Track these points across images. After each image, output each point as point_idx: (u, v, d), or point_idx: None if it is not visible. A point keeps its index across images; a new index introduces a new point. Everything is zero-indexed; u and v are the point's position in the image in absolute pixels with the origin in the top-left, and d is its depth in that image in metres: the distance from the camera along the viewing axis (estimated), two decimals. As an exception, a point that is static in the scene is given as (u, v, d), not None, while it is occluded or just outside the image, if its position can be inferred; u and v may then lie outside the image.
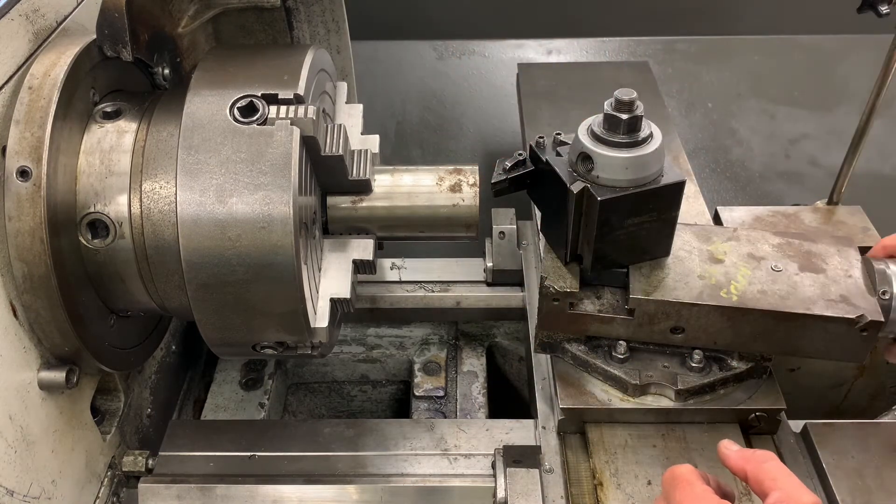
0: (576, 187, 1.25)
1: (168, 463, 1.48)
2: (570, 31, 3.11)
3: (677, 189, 1.28)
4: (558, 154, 1.32)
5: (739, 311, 1.30)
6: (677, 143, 1.90)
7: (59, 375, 1.24)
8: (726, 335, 1.33)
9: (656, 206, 1.28)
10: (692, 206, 1.72)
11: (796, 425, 1.43)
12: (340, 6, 1.79)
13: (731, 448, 1.07)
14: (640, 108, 1.23)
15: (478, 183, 1.36)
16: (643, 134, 1.24)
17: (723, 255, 1.38)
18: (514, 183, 1.38)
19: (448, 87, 3.03)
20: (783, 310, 1.28)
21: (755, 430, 1.39)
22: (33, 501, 1.22)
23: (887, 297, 1.30)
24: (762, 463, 1.00)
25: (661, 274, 1.34)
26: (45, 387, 1.24)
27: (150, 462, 1.47)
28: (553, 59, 3.09)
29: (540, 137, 1.34)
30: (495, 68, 3.07)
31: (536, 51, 3.12)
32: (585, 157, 1.26)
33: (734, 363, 1.38)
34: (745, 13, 3.10)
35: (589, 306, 1.36)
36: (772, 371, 1.40)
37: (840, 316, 1.27)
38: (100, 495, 1.43)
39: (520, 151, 1.37)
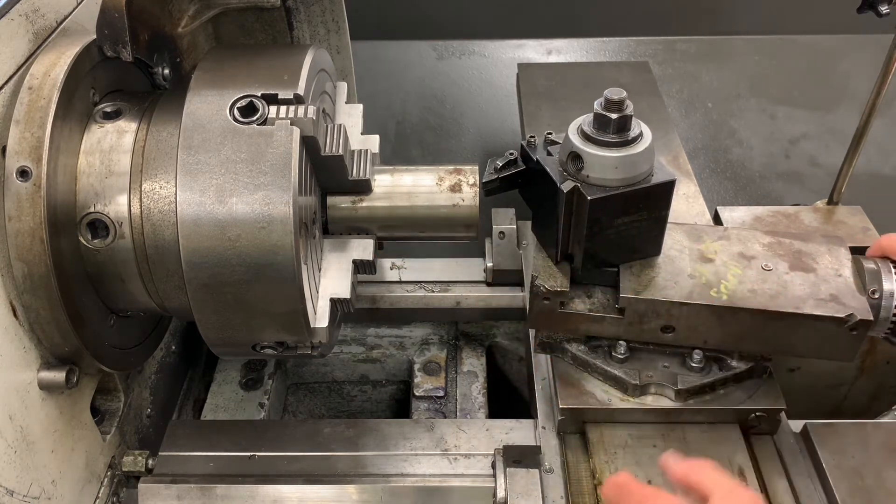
0: (566, 187, 1.25)
1: (168, 463, 1.48)
2: (570, 31, 3.11)
3: (667, 188, 1.28)
4: (549, 153, 1.32)
5: (729, 311, 1.30)
6: (677, 143, 1.90)
7: (59, 375, 1.23)
8: (716, 334, 1.33)
9: (646, 206, 1.29)
10: (692, 206, 1.72)
11: (796, 425, 1.43)
12: (340, 6, 1.79)
13: (672, 459, 1.11)
14: (629, 108, 1.23)
15: (478, 183, 1.36)
16: (633, 133, 1.25)
17: (713, 254, 1.38)
18: (505, 182, 1.38)
19: (448, 87, 3.03)
20: (773, 309, 1.29)
21: (755, 431, 1.39)
22: (33, 501, 1.22)
23: (877, 296, 1.31)
24: (701, 469, 1.06)
25: (651, 273, 1.35)
26: (45, 387, 1.24)
27: (150, 462, 1.47)
28: (553, 59, 3.09)
29: (531, 137, 1.35)
30: (495, 68, 3.07)
31: (536, 51, 3.12)
32: (575, 157, 1.26)
33: (734, 363, 1.38)
34: (745, 13, 3.09)
35: (580, 305, 1.36)
36: (772, 371, 1.40)
37: (830, 315, 1.27)
38: (100, 495, 1.43)
39: (511, 151, 1.38)
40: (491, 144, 2.86)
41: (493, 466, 1.40)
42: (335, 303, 1.29)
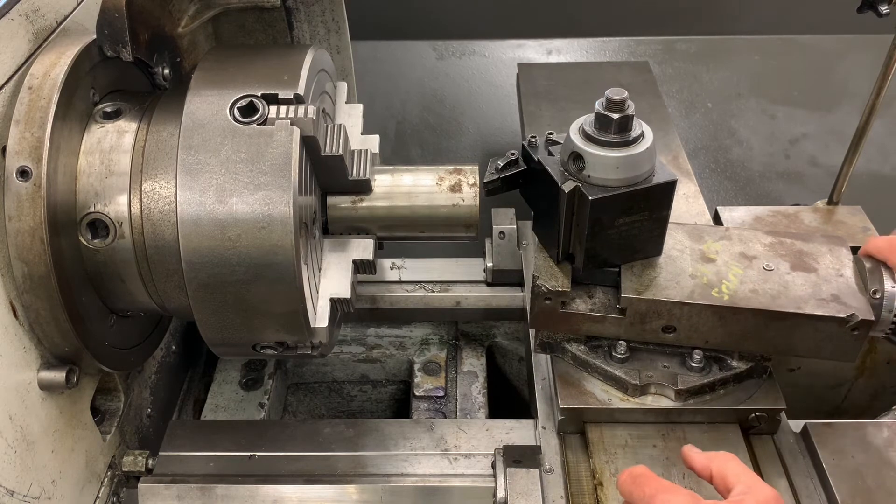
0: (567, 187, 1.25)
1: (168, 463, 1.48)
2: (570, 31, 3.11)
3: (669, 188, 1.28)
4: (550, 154, 1.32)
5: (730, 311, 1.30)
6: (677, 143, 1.90)
7: (59, 375, 1.23)
8: (718, 334, 1.33)
9: (648, 206, 1.29)
10: (692, 206, 1.72)
11: (796, 425, 1.43)
12: (340, 6, 1.79)
13: (695, 450, 1.13)
14: (630, 108, 1.23)
15: (478, 183, 1.36)
16: (634, 133, 1.25)
17: (714, 254, 1.38)
18: (506, 182, 1.38)
19: (448, 87, 3.03)
20: (774, 309, 1.29)
21: (755, 431, 1.39)
22: (33, 501, 1.22)
23: (878, 297, 1.31)
24: (726, 461, 1.08)
25: (652, 273, 1.35)
26: (45, 387, 1.24)
27: (150, 462, 1.47)
28: (553, 59, 3.09)
29: (532, 137, 1.35)
30: (495, 68, 3.07)
31: (536, 51, 3.12)
32: (577, 157, 1.26)
33: (734, 363, 1.38)
34: (745, 13, 3.10)
35: (581, 305, 1.36)
36: (772, 371, 1.40)
37: (831, 315, 1.27)
38: (100, 495, 1.43)
39: (512, 151, 1.38)
40: (491, 144, 2.86)
41: (493, 466, 1.40)
42: (335, 303, 1.29)
